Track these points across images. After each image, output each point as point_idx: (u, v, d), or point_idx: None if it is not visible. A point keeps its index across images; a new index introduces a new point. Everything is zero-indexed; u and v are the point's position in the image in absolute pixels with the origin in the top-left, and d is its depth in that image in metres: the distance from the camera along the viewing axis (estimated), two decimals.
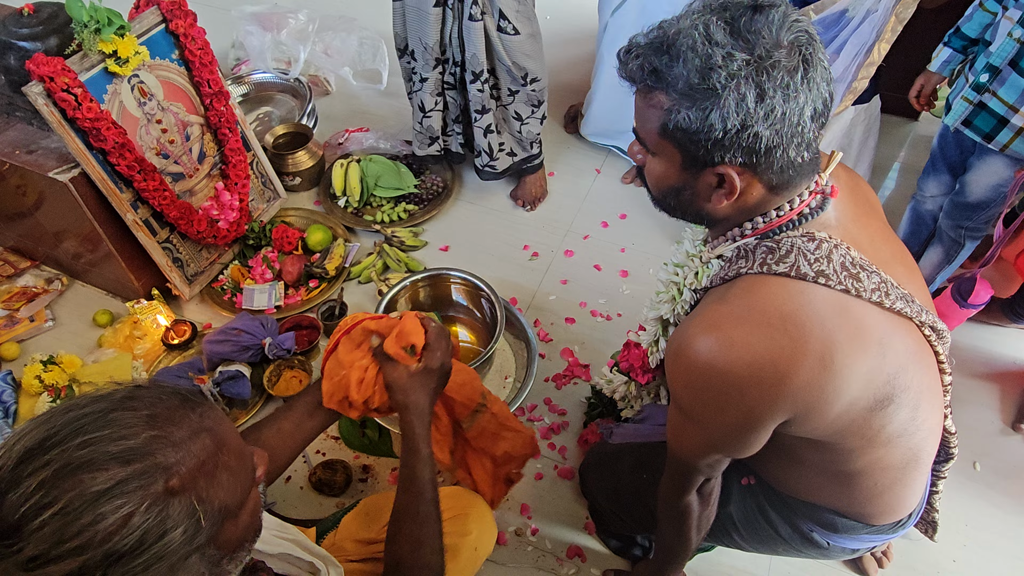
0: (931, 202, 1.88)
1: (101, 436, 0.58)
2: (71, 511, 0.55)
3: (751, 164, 0.80)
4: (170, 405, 0.64)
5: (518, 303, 2.05)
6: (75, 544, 0.55)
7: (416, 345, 1.06)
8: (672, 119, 0.78)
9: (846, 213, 0.91)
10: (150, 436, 0.60)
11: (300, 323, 1.95)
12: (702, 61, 0.74)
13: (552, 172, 2.45)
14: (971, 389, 1.85)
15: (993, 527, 1.62)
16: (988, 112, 1.52)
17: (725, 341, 0.82)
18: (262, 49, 2.69)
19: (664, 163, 0.86)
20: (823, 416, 0.85)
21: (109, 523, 0.56)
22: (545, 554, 1.58)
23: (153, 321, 1.94)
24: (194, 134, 1.92)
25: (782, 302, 0.83)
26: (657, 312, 1.23)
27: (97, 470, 0.57)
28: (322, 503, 1.65)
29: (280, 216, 2.26)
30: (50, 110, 1.55)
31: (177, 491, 0.60)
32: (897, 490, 1.02)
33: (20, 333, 1.96)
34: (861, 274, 0.85)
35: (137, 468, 0.58)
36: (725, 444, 0.93)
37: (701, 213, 0.90)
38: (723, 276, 0.93)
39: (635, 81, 0.82)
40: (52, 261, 2.10)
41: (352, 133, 2.48)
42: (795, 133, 0.77)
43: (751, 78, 0.74)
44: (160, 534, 0.59)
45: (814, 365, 0.81)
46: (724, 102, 0.74)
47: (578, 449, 1.74)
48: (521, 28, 1.90)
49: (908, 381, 0.89)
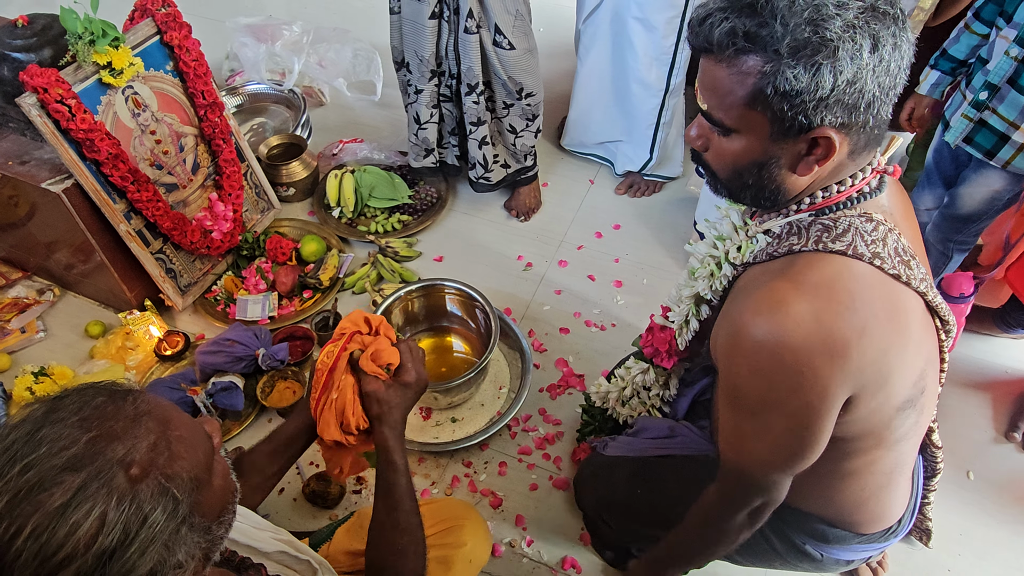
0: (926, 215, 1.88)
1: (39, 456, 0.57)
2: (43, 530, 0.54)
3: (848, 123, 0.76)
4: (96, 404, 0.62)
5: (512, 313, 2.05)
6: (61, 556, 0.55)
7: (391, 365, 1.05)
8: (773, 82, 0.73)
9: (897, 206, 0.90)
10: (89, 438, 0.59)
11: (294, 334, 1.94)
12: (811, 13, 0.70)
13: (546, 183, 2.46)
14: (963, 398, 1.86)
15: (987, 536, 1.62)
16: (988, 129, 1.52)
17: (795, 316, 0.78)
18: (256, 60, 2.69)
19: (747, 138, 0.80)
20: (867, 405, 0.84)
21: (87, 528, 0.56)
22: (540, 565, 1.57)
23: (146, 332, 1.93)
24: (188, 145, 1.92)
25: (846, 281, 0.81)
26: (692, 289, 1.14)
27: (51, 486, 0.56)
28: (315, 515, 1.64)
29: (274, 227, 2.26)
30: (44, 121, 1.55)
31: (140, 477, 0.59)
32: (882, 497, 1.02)
33: (11, 344, 1.95)
34: (912, 262, 0.85)
35: (90, 471, 0.57)
36: (795, 445, 0.86)
37: (780, 188, 0.85)
38: (771, 252, 0.89)
39: (722, 48, 0.75)
40: (44, 272, 2.09)
41: (346, 144, 2.48)
42: (893, 85, 0.75)
43: (867, 26, 0.71)
44: (141, 520, 0.58)
45: (876, 346, 0.80)
46: (839, 54, 0.70)
47: (571, 463, 1.74)
48: (517, 43, 1.91)
49: (925, 384, 0.89)
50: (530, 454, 1.75)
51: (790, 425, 0.85)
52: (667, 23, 1.97)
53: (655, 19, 1.97)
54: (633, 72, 2.13)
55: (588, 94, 2.30)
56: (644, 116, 2.21)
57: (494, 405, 1.82)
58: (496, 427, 1.73)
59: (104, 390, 0.64)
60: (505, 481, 1.71)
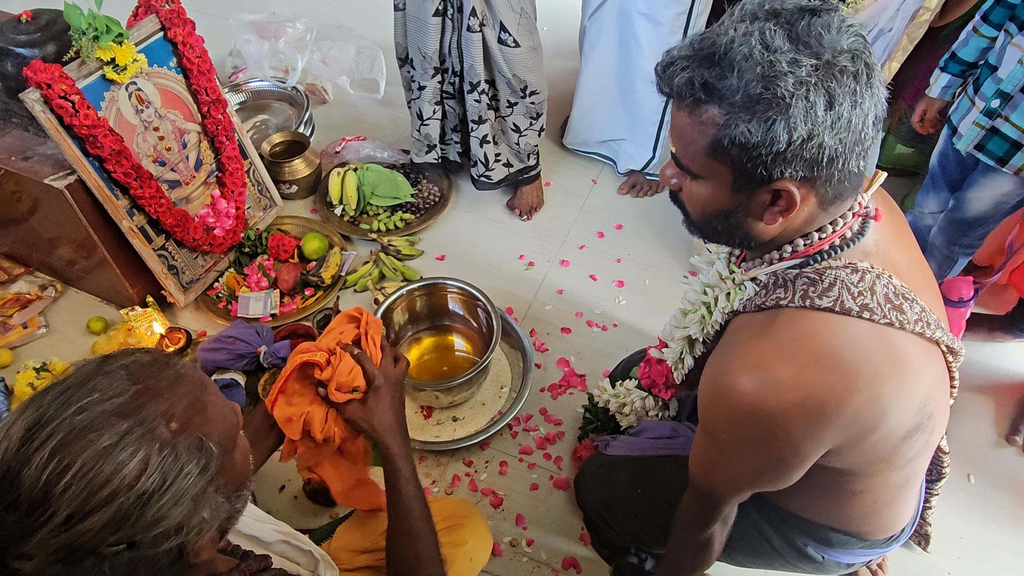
0: (930, 218, 1.88)
1: (92, 400, 0.62)
2: (91, 468, 0.59)
3: (811, 177, 0.75)
4: (143, 362, 0.68)
5: (514, 313, 2.05)
6: (106, 493, 0.59)
7: (359, 386, 1.05)
8: (729, 134, 0.73)
9: (885, 236, 0.88)
10: (136, 391, 0.64)
11: (296, 331, 1.94)
12: (764, 69, 0.70)
13: (548, 182, 2.46)
14: (965, 401, 1.85)
15: (987, 539, 1.62)
16: (1001, 137, 1.51)
17: (773, 381, 0.79)
18: (260, 57, 2.69)
19: (712, 185, 0.81)
20: (861, 448, 0.84)
21: (131, 468, 0.60)
22: (540, 565, 1.57)
23: (148, 328, 1.93)
24: (191, 141, 1.92)
25: (828, 339, 0.79)
26: (684, 331, 1.18)
27: (100, 428, 0.61)
28: (316, 512, 1.64)
29: (276, 224, 2.26)
30: (47, 117, 1.55)
31: (179, 432, 0.64)
32: (894, 508, 1.02)
33: (13, 340, 1.95)
34: (904, 304, 0.83)
35: (136, 419, 0.62)
36: (764, 479, 0.89)
37: (750, 235, 0.85)
38: (758, 304, 0.89)
39: (681, 97, 0.76)
40: (46, 268, 2.09)
41: (349, 142, 2.48)
42: (858, 141, 0.74)
43: (821, 84, 0.70)
44: (178, 471, 0.63)
45: (862, 401, 0.79)
46: (792, 111, 0.70)
47: (572, 462, 1.74)
48: (522, 41, 1.91)
49: (933, 407, 0.88)
50: (531, 454, 1.75)
51: (759, 467, 0.87)
52: (674, 19, 1.97)
53: (661, 15, 1.97)
54: (639, 68, 2.12)
55: (592, 91, 2.29)
56: (648, 114, 2.20)
57: (495, 404, 1.82)
58: (497, 426, 1.73)
59: (149, 353, 0.71)
60: (506, 480, 1.71)
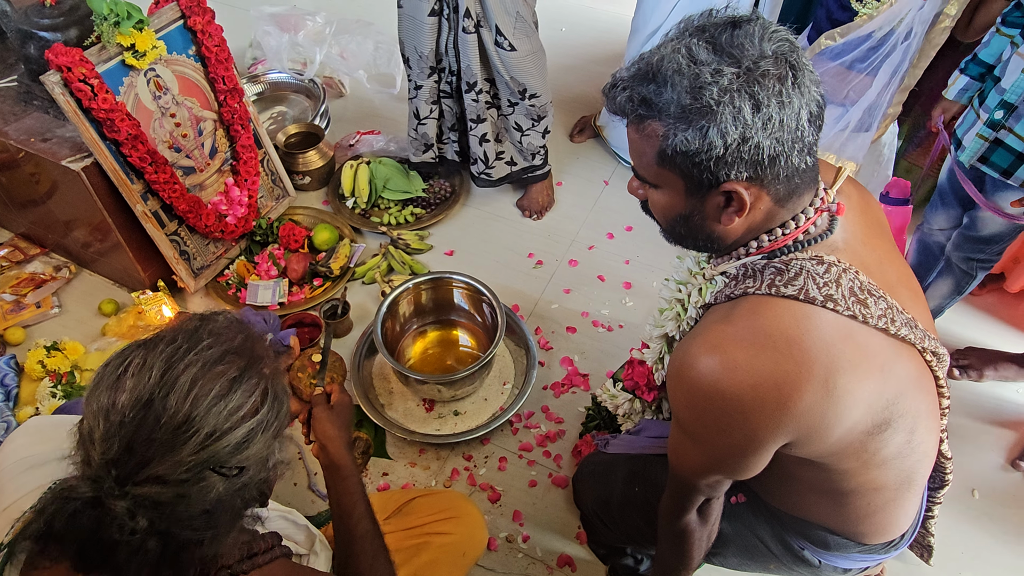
0: (940, 235, 1.84)
1: (213, 341, 0.73)
2: (225, 394, 0.70)
3: (757, 176, 0.79)
4: (234, 319, 0.79)
5: (520, 310, 2.05)
6: (237, 417, 0.70)
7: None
8: (670, 144, 0.78)
9: (855, 234, 0.90)
10: (243, 337, 0.77)
11: (303, 320, 1.96)
12: (690, 81, 0.75)
13: (560, 182, 2.46)
14: (975, 430, 1.82)
15: (990, 556, 1.60)
16: (1005, 148, 1.49)
17: (729, 363, 0.81)
18: (279, 49, 2.72)
19: (668, 193, 0.86)
20: (823, 439, 0.85)
21: (255, 398, 0.73)
22: (535, 562, 1.57)
23: (158, 312, 1.95)
24: (207, 129, 1.94)
25: (788, 325, 0.81)
26: (661, 329, 1.20)
27: (226, 363, 0.72)
28: (314, 500, 1.65)
29: (288, 214, 2.28)
30: (66, 99, 1.57)
31: (271, 376, 0.76)
32: (890, 510, 1.01)
33: (26, 318, 1.98)
34: (868, 299, 0.85)
35: (247, 360, 0.74)
36: (726, 465, 0.92)
37: (713, 236, 0.89)
38: (728, 294, 0.92)
39: (626, 114, 0.82)
40: (61, 249, 2.13)
41: (363, 135, 2.50)
42: (796, 139, 0.78)
43: (743, 90, 0.74)
44: (282, 402, 0.77)
45: (818, 390, 0.80)
46: (721, 117, 0.74)
47: (572, 459, 1.74)
48: (519, 45, 1.90)
49: (906, 406, 0.88)
50: (531, 451, 1.75)
51: (720, 455, 0.90)
52: None
53: None
54: None
55: None
56: None
57: (497, 400, 1.83)
58: (498, 422, 1.73)
59: (230, 313, 0.82)
60: (504, 476, 1.71)
